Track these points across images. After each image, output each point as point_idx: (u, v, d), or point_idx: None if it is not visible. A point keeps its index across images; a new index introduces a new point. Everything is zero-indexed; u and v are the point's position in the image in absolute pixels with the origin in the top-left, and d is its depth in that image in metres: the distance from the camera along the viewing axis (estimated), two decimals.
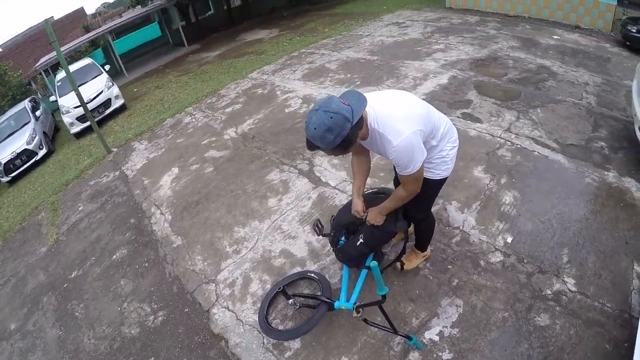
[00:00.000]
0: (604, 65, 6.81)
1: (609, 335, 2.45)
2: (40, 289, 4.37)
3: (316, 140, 1.84)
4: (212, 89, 9.33)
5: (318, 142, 1.84)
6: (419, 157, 2.01)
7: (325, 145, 1.85)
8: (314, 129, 1.82)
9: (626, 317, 2.54)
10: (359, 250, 2.63)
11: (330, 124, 1.79)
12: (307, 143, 1.92)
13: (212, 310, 3.29)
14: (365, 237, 2.60)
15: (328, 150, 1.90)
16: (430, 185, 2.38)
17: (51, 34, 6.33)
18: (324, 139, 1.82)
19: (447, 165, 2.36)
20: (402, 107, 2.06)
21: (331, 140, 1.82)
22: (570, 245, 3.11)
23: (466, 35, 9.04)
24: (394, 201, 2.34)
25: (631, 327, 2.45)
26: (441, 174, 2.37)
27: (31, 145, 9.58)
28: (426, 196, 2.50)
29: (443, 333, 2.63)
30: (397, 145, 1.94)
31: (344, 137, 1.83)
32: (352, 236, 2.70)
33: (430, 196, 2.59)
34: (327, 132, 1.80)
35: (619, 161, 4.07)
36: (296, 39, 12.43)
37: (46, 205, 6.42)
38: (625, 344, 2.38)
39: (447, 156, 2.33)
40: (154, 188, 5.51)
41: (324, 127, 1.79)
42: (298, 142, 5.52)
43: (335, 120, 1.79)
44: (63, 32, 21.56)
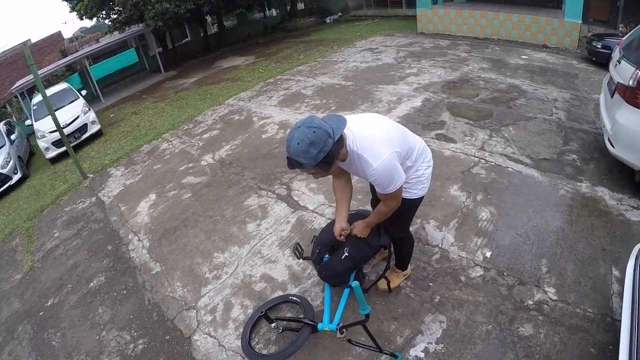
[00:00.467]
0: (572, 81, 7.12)
1: (593, 340, 2.49)
2: (15, 318, 4.17)
3: (299, 156, 1.80)
4: (189, 116, 9.34)
5: (301, 157, 1.80)
6: (398, 178, 2.05)
7: (308, 161, 1.81)
8: (297, 144, 1.79)
9: (609, 321, 2.59)
10: (343, 265, 2.64)
11: (314, 138, 1.78)
12: (289, 161, 1.88)
13: (194, 337, 3.20)
14: (350, 252, 2.61)
15: (310, 168, 1.88)
16: (408, 205, 2.43)
17: (29, 57, 6.27)
18: (308, 154, 1.79)
19: (422, 185, 2.41)
20: (379, 129, 2.10)
21: (314, 155, 1.80)
22: (549, 256, 3.18)
23: (438, 58, 9.34)
24: (376, 216, 2.37)
25: (614, 330, 2.50)
26: (417, 193, 2.42)
27: (5, 169, 9.32)
28: (404, 216, 2.56)
29: (428, 349, 2.62)
30: (376, 167, 1.97)
31: (327, 152, 1.82)
32: (336, 251, 2.70)
33: (408, 215, 2.63)
34: (310, 147, 1.78)
35: (591, 172, 4.23)
36: (272, 65, 12.61)
37: (21, 231, 6.20)
38: (610, 346, 2.42)
39: (423, 176, 2.39)
40: (132, 214, 5.41)
41: (307, 141, 1.78)
42: (275, 167, 5.54)
43: (318, 134, 1.79)
44: (40, 56, 21.31)
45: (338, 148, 1.90)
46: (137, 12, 15.08)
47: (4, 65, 21.17)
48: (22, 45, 6.53)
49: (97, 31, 27.75)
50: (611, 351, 2.39)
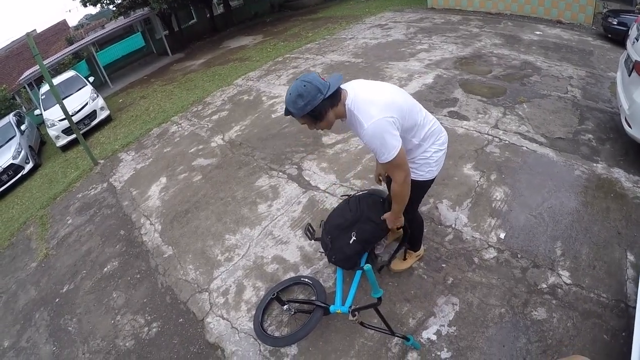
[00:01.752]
0: (587, 58, 6.90)
1: (606, 326, 2.45)
2: (32, 305, 4.27)
3: (289, 105, 1.99)
4: (197, 97, 9.30)
5: (290, 106, 1.98)
6: (392, 143, 1.98)
7: (294, 111, 1.99)
8: (289, 94, 1.98)
9: (622, 307, 2.54)
10: (352, 249, 2.62)
11: (302, 91, 1.94)
12: (285, 112, 2.06)
13: (207, 319, 3.24)
14: (358, 235, 2.59)
15: (299, 118, 2.04)
16: (414, 186, 2.37)
17: (33, 48, 6.25)
18: (296, 105, 1.96)
19: (430, 168, 2.34)
20: (382, 95, 2.08)
21: (301, 107, 1.96)
22: (563, 238, 3.12)
23: (449, 34, 9.12)
24: (395, 199, 2.32)
25: (628, 316, 2.46)
26: (424, 176, 2.36)
27: (17, 159, 9.44)
28: (412, 197, 2.51)
29: (440, 332, 2.61)
30: (367, 128, 1.98)
31: (314, 106, 1.96)
32: (345, 235, 2.68)
33: (415, 197, 2.55)
34: (298, 98, 1.95)
35: (607, 152, 4.11)
36: (280, 44, 12.45)
37: (35, 219, 6.30)
38: (622, 333, 2.38)
39: (431, 158, 2.31)
40: (143, 199, 5.44)
41: (296, 93, 1.95)
42: (286, 147, 5.50)
43: (308, 88, 1.94)
44: (46, 45, 21.32)
45: (328, 104, 2.02)
46: None
47: (11, 57, 21.27)
48: (26, 36, 6.51)
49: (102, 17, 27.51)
50: (624, 338, 2.35)
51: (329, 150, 5.12)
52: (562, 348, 2.38)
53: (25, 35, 6.66)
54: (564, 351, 2.36)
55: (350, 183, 4.33)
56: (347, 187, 4.27)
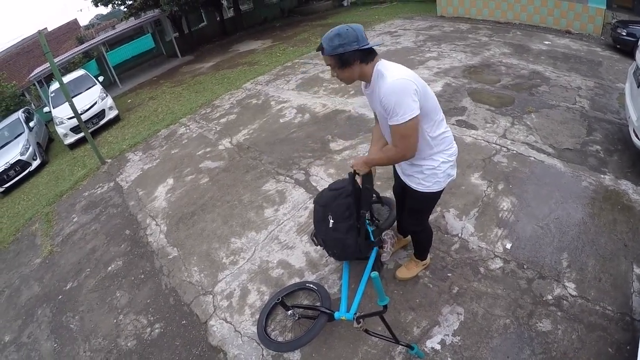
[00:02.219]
0: (596, 69, 6.89)
1: (611, 339, 2.43)
2: (34, 301, 4.29)
3: (324, 40, 2.01)
4: (206, 100, 9.34)
5: (325, 42, 2.00)
6: (409, 104, 1.94)
7: (327, 47, 2.00)
8: (330, 31, 2.01)
9: (628, 320, 2.52)
10: (338, 232, 2.61)
11: (342, 32, 1.97)
12: (318, 46, 2.08)
13: (210, 322, 3.24)
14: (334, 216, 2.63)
15: (327, 56, 2.03)
16: (422, 198, 2.38)
17: (45, 45, 6.31)
18: (330, 42, 1.98)
19: (437, 179, 2.29)
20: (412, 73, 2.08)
21: (334, 46, 1.98)
22: (570, 250, 3.10)
23: (458, 42, 9.13)
24: (379, 155, 2.34)
25: (633, 329, 2.45)
26: (431, 187, 2.32)
27: (25, 156, 9.53)
28: (419, 210, 2.55)
29: (445, 341, 2.60)
30: (389, 82, 1.97)
31: (346, 51, 1.97)
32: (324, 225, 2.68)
33: (423, 210, 2.58)
34: (335, 37, 1.97)
35: (615, 164, 4.09)
36: (289, 49, 12.50)
37: (40, 216, 6.35)
38: (627, 346, 2.36)
39: (439, 168, 2.26)
40: (149, 199, 5.46)
41: (336, 32, 1.98)
42: (294, 152, 5.51)
43: (348, 32, 1.96)
44: (57, 44, 21.54)
45: (359, 56, 2.02)
46: None
47: (22, 54, 21.48)
48: (37, 34, 6.58)
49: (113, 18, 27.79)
50: (628, 351, 2.33)
51: (337, 156, 5.12)
52: None
53: (37, 33, 6.73)
54: None
55: None
56: None
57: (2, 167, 9.19)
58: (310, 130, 6.08)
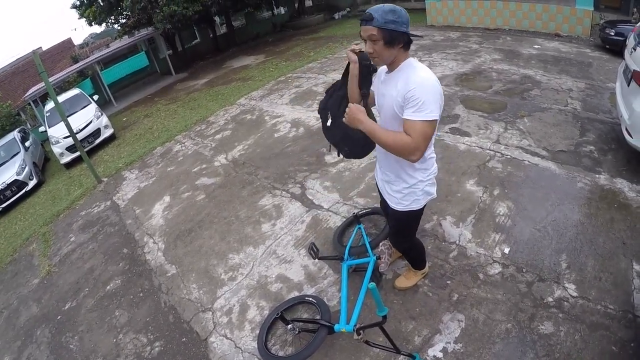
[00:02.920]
0: (586, 70, 6.97)
1: (614, 337, 2.43)
2: (33, 321, 4.25)
3: (377, 11, 1.84)
4: (201, 117, 9.38)
5: (378, 12, 1.83)
6: (436, 107, 1.87)
7: (379, 17, 1.83)
8: (382, 5, 1.86)
9: (630, 317, 2.52)
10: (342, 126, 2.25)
11: (397, 10, 1.85)
12: (364, 16, 1.89)
13: (210, 338, 3.21)
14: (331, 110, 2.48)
15: (374, 27, 1.85)
16: (403, 218, 2.38)
17: (39, 65, 6.35)
18: (385, 14, 1.83)
19: (415, 197, 2.24)
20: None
21: (388, 20, 1.83)
22: (568, 251, 3.11)
23: (449, 51, 9.22)
24: (387, 135, 1.93)
25: (636, 327, 2.45)
26: (410, 206, 2.28)
27: (21, 175, 9.50)
28: (402, 228, 2.54)
29: (447, 349, 2.58)
30: (426, 76, 1.90)
31: (397, 29, 1.85)
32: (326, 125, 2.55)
33: (406, 228, 2.54)
34: (391, 12, 1.83)
35: (609, 163, 4.12)
36: (282, 64, 12.59)
37: (37, 236, 6.31)
38: (631, 344, 2.36)
39: (416, 186, 2.22)
40: (146, 217, 5.45)
41: (392, 8, 1.84)
42: (289, 166, 5.52)
43: (402, 12, 1.86)
44: (52, 63, 21.63)
45: (404, 40, 1.92)
46: (145, 15, 15.17)
47: (17, 74, 21.55)
48: (32, 54, 6.61)
49: (107, 36, 28.00)
50: (633, 349, 2.33)
51: (332, 168, 5.13)
52: None
53: (32, 53, 6.77)
54: None
55: (354, 201, 4.33)
56: (350, 206, 4.27)
57: None
58: (305, 144, 6.10)
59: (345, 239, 3.59)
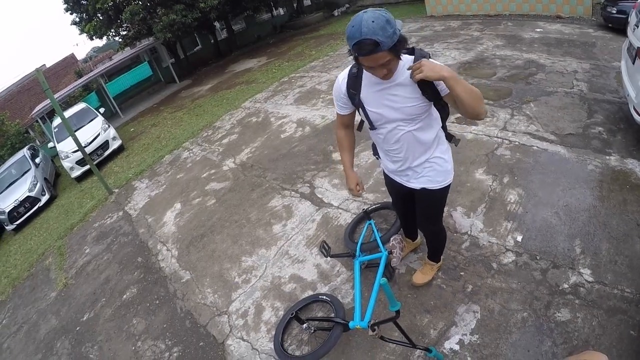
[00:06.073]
0: (590, 50, 6.85)
1: (632, 321, 2.38)
2: (53, 334, 4.33)
3: (377, 34, 1.61)
4: (207, 122, 9.45)
5: (379, 35, 1.61)
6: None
7: (387, 40, 1.63)
8: (372, 21, 1.61)
9: None
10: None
11: (388, 17, 1.64)
12: (361, 46, 1.65)
13: (227, 341, 3.23)
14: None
15: (385, 53, 1.68)
16: (438, 196, 2.37)
17: (44, 82, 6.45)
18: (385, 32, 1.62)
19: (447, 171, 2.30)
20: None
21: (391, 34, 1.63)
22: (582, 235, 3.06)
23: (450, 40, 9.14)
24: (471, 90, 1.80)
25: None
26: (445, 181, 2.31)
27: (33, 192, 9.69)
28: (435, 209, 2.50)
29: (463, 341, 2.57)
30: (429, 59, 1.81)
31: (399, 36, 1.68)
32: None
33: (439, 208, 2.52)
34: (387, 24, 1.62)
35: (619, 143, 4.05)
36: (284, 64, 12.61)
37: (53, 250, 6.42)
38: None
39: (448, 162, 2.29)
40: (158, 225, 5.50)
41: (384, 19, 1.62)
42: (297, 166, 5.53)
43: (390, 16, 1.66)
44: (56, 79, 21.92)
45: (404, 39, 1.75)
46: (145, 26, 15.32)
47: (22, 92, 21.87)
48: (36, 72, 6.71)
49: (109, 49, 28.33)
50: None
51: (340, 166, 5.12)
52: (588, 348, 2.31)
53: (35, 71, 6.86)
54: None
55: (363, 197, 4.32)
56: (360, 202, 4.26)
57: (12, 205, 9.35)
58: (311, 143, 6.11)
59: (356, 235, 3.60)
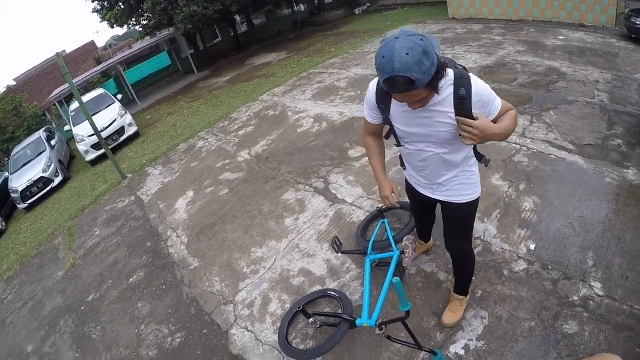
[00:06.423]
0: (613, 60, 6.75)
1: (639, 339, 2.34)
2: (57, 312, 4.39)
3: (411, 70, 1.36)
4: (223, 113, 9.48)
5: (414, 71, 1.36)
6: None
7: (423, 76, 1.39)
8: (406, 54, 1.34)
9: None
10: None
11: (425, 47, 1.36)
12: (392, 83, 1.43)
13: (231, 330, 3.25)
14: None
15: (421, 90, 1.47)
16: (467, 209, 2.20)
17: (63, 67, 6.52)
18: (422, 66, 1.36)
19: (475, 184, 2.19)
20: None
21: (428, 68, 1.38)
22: (595, 248, 3.01)
23: (472, 43, 9.05)
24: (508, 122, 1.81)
25: None
26: (474, 194, 2.18)
27: (47, 172, 9.83)
28: (468, 222, 2.29)
29: (468, 346, 2.54)
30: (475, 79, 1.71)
31: (437, 68, 1.44)
32: None
33: (471, 221, 2.31)
34: (423, 56, 1.36)
35: (637, 157, 3.97)
36: (304, 60, 12.60)
37: (63, 230, 6.51)
38: None
39: (475, 174, 2.18)
40: (170, 211, 5.54)
41: (420, 49, 1.35)
42: (312, 161, 5.52)
43: (427, 43, 1.38)
44: (75, 65, 22.20)
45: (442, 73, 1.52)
46: (166, 16, 15.42)
47: (41, 76, 22.27)
48: (55, 56, 6.79)
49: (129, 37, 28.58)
50: None
51: (356, 163, 5.11)
52: None
53: (55, 55, 6.95)
54: None
55: (377, 196, 4.29)
56: (374, 200, 4.24)
57: (25, 184, 9.50)
58: (328, 139, 6.10)
59: (368, 233, 3.58)
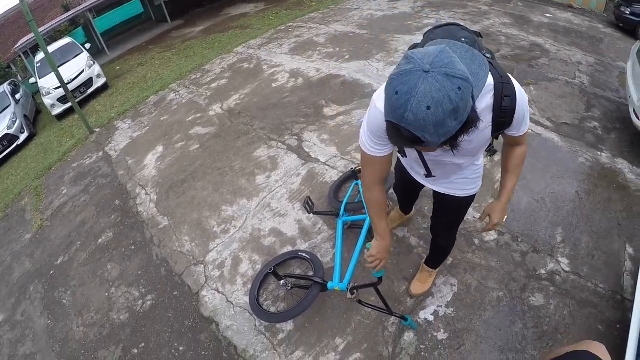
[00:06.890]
0: (597, 45, 6.77)
1: (601, 317, 2.44)
2: (26, 278, 4.22)
3: (425, 130, 0.97)
4: (196, 65, 9.10)
5: (429, 132, 0.98)
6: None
7: (436, 139, 1.01)
8: (427, 107, 0.94)
9: (618, 299, 2.53)
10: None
11: (458, 103, 0.95)
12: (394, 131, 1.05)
13: (202, 292, 3.21)
14: None
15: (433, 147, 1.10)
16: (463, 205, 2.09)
17: (27, 14, 6.05)
18: (442, 128, 0.98)
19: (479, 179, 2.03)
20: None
21: (449, 130, 1.00)
22: (564, 225, 3.09)
23: (458, 10, 8.90)
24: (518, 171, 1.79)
25: (623, 309, 2.46)
26: (474, 190, 2.02)
27: (12, 129, 9.28)
28: (460, 217, 2.21)
29: (438, 313, 2.59)
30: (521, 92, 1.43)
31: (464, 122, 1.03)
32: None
33: (463, 216, 2.22)
34: (450, 116, 0.96)
35: (612, 142, 4.05)
36: (283, 12, 12.20)
37: (29, 190, 6.19)
38: (617, 325, 2.38)
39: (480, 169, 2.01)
40: (139, 168, 5.34)
41: (449, 108, 0.95)
42: (286, 117, 5.40)
43: (464, 96, 0.97)
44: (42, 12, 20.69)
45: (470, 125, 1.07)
46: None
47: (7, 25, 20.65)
48: (20, 2, 6.29)
49: None
50: (618, 330, 2.34)
51: (331, 122, 5.02)
52: (557, 335, 2.38)
53: (20, 1, 6.43)
54: (559, 339, 2.36)
55: (352, 156, 4.24)
56: (347, 161, 4.19)
57: None
58: (303, 95, 5.95)
59: (341, 194, 3.54)
